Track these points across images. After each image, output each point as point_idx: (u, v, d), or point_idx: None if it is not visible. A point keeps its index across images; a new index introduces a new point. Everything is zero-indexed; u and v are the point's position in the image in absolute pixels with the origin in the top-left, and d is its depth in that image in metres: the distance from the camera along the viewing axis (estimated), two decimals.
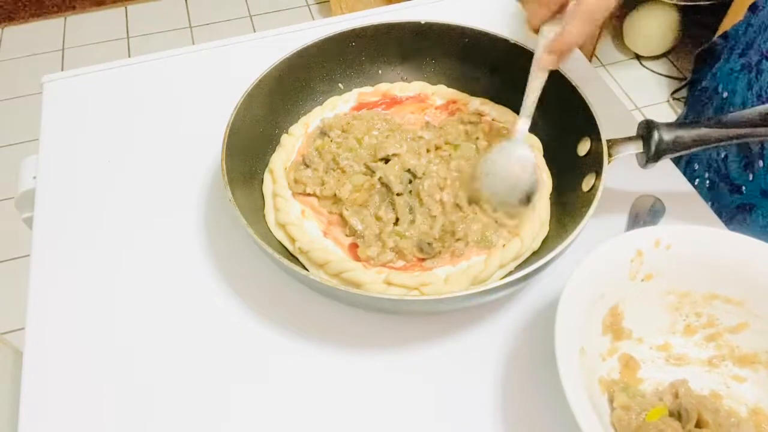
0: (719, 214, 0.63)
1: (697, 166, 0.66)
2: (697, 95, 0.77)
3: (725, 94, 0.70)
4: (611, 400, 0.47)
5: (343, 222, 0.57)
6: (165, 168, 0.67)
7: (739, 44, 0.71)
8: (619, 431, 0.45)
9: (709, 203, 0.67)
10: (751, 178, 0.65)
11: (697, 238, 0.49)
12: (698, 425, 0.45)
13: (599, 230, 0.51)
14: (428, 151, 0.61)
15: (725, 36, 0.76)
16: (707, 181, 0.65)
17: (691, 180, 0.70)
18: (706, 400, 0.47)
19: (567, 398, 0.40)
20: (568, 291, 0.45)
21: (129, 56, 2.21)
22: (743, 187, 0.66)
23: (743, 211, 0.64)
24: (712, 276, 0.49)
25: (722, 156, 0.69)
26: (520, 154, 0.56)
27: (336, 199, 0.58)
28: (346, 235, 0.56)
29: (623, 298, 0.50)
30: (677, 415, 0.46)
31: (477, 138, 0.63)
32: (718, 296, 0.50)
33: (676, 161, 0.76)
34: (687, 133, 0.53)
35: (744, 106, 0.66)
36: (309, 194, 0.59)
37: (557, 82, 0.60)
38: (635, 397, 0.47)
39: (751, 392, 0.49)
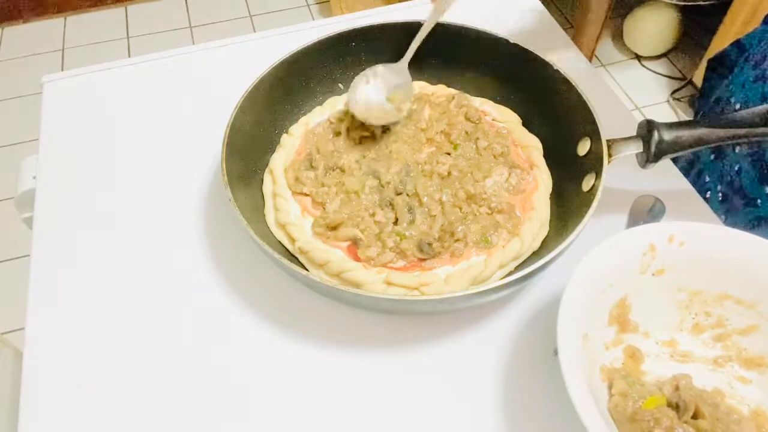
0: (734, 228, 0.62)
1: (708, 178, 0.65)
2: (711, 106, 0.76)
3: (738, 105, 0.69)
4: (611, 388, 0.47)
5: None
6: (165, 168, 0.67)
7: (753, 55, 0.70)
8: (615, 417, 0.45)
9: (722, 217, 0.66)
10: (767, 191, 0.64)
11: (712, 236, 0.49)
12: (695, 418, 0.45)
13: (599, 230, 0.51)
14: (428, 140, 0.63)
15: (738, 44, 0.75)
16: (719, 194, 0.64)
17: (701, 192, 0.69)
18: (706, 394, 0.47)
19: (564, 378, 0.40)
20: (576, 277, 0.45)
21: (129, 56, 2.21)
22: (758, 200, 0.65)
23: (758, 224, 0.64)
24: (724, 276, 0.49)
25: (736, 168, 0.68)
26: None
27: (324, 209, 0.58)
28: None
29: (632, 291, 0.50)
30: (675, 406, 0.45)
31: (477, 138, 0.63)
32: (730, 297, 0.49)
33: (686, 172, 0.75)
34: (687, 133, 0.53)
35: None
36: (307, 194, 0.59)
37: (558, 82, 0.60)
38: (634, 385, 0.47)
39: (755, 394, 0.49)
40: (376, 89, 0.64)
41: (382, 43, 0.68)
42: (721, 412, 0.45)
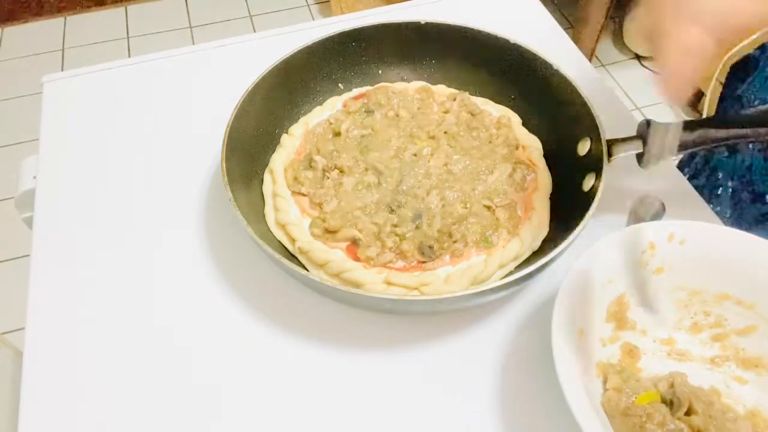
0: (739, 223, 0.62)
1: (721, 174, 0.65)
2: (731, 104, 0.76)
3: (756, 103, 0.69)
4: (605, 383, 0.47)
5: None
6: (165, 168, 0.67)
7: None
8: (608, 412, 0.45)
9: (729, 211, 0.66)
10: None
11: (712, 236, 0.49)
12: (689, 414, 0.45)
13: (599, 230, 0.51)
14: (429, 137, 0.62)
15: (762, 47, 0.75)
16: (730, 190, 0.64)
17: (713, 189, 0.68)
18: (701, 392, 0.47)
19: (556, 370, 0.40)
20: (574, 272, 0.45)
21: (129, 56, 2.21)
22: (767, 196, 0.65)
23: (765, 221, 0.64)
24: (724, 276, 0.49)
25: (747, 164, 0.68)
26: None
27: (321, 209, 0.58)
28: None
29: (631, 289, 0.50)
30: (669, 403, 0.45)
31: (476, 128, 0.63)
32: (729, 297, 0.49)
33: (700, 169, 0.75)
34: (687, 133, 0.53)
35: None
36: (304, 194, 0.59)
37: (557, 82, 0.60)
38: (629, 381, 0.47)
39: (751, 395, 0.49)
40: None
41: (382, 43, 0.68)
42: (715, 410, 0.45)
